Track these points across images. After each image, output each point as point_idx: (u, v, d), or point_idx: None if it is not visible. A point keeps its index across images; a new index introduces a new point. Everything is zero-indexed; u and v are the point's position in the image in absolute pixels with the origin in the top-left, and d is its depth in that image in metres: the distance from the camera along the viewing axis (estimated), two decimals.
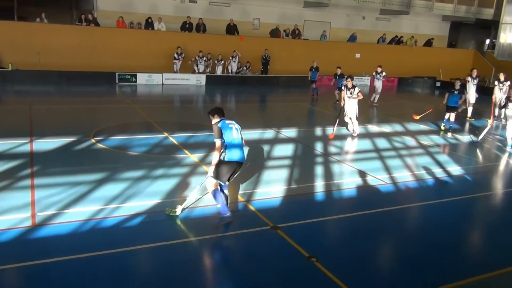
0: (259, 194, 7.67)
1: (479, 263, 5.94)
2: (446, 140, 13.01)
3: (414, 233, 6.88)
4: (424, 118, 15.17)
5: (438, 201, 8.07)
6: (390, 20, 30.45)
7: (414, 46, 29.90)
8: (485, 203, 8.44)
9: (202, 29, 23.75)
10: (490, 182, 9.72)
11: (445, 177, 9.41)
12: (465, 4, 31.08)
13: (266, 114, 17.36)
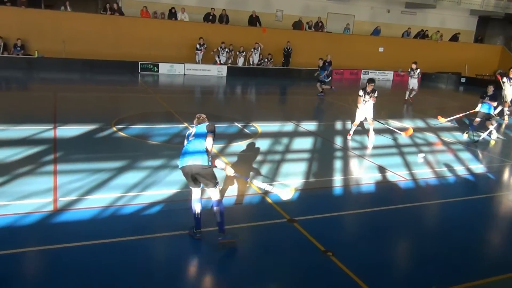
0: (277, 186, 7.65)
1: (495, 264, 5.82)
2: (469, 137, 12.74)
3: (432, 231, 6.78)
4: (447, 115, 14.86)
5: (459, 199, 7.94)
6: (415, 14, 29.85)
7: (439, 41, 29.28)
8: (506, 202, 8.26)
9: (225, 20, 23.72)
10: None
11: (466, 175, 9.23)
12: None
13: (287, 107, 17.30)
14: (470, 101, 18.30)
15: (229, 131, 11.37)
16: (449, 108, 18.43)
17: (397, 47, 27.65)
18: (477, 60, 29.36)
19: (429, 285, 5.06)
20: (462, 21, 31.68)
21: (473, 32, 32.93)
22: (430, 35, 29.45)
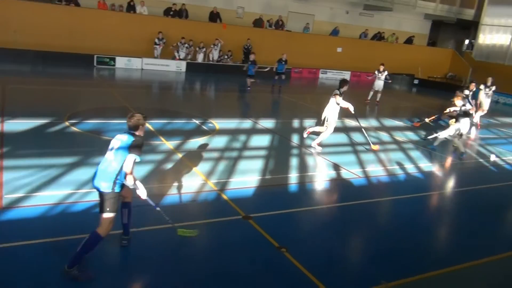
0: (233, 183, 7.68)
1: (441, 258, 6.10)
2: (420, 136, 13.23)
3: (383, 227, 7.01)
4: (401, 115, 15.37)
5: (409, 196, 8.24)
6: (373, 16, 30.63)
7: (395, 43, 30.20)
8: (452, 199, 8.65)
9: (185, 15, 23.46)
10: (459, 179, 9.96)
11: (416, 173, 9.60)
12: (447, 3, 31.45)
13: (245, 104, 17.33)
14: (422, 102, 19.09)
15: (187, 128, 11.28)
16: (403, 109, 19.09)
17: (355, 47, 28.29)
18: (430, 63, 30.52)
19: (378, 279, 5.23)
20: (417, 25, 32.81)
21: (426, 36, 34.17)
22: (386, 37, 30.32)
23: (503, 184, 9.71)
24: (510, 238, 7.15)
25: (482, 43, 30.40)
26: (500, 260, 6.14)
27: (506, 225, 7.84)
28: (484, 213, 7.90)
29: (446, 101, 18.13)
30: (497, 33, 29.41)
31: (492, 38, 29.79)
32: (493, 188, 9.42)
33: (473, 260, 5.96)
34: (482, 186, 9.47)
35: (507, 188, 9.53)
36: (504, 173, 10.57)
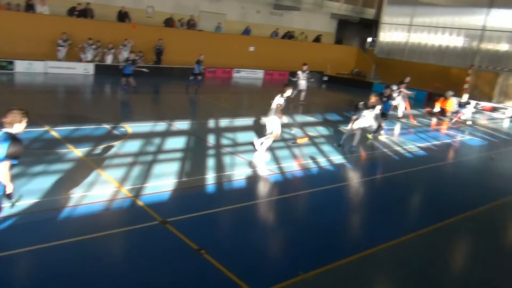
0: (149, 188, 7.52)
1: (355, 244, 6.49)
2: (330, 131, 13.91)
3: (299, 219, 7.29)
4: (313, 110, 16.01)
5: (322, 188, 8.64)
6: (283, 15, 31.52)
7: (304, 41, 31.37)
8: (362, 188, 9.23)
9: (90, 14, 22.37)
10: (367, 169, 10.64)
11: (328, 166, 10.09)
12: (351, 3, 33.30)
13: (159, 106, 16.98)
14: (332, 98, 20.05)
15: (96, 133, 10.79)
16: (314, 105, 19.89)
17: (267, 46, 28.93)
18: (338, 60, 32.13)
19: (297, 271, 5.43)
20: (324, 24, 34.38)
21: (333, 34, 35.93)
22: (296, 35, 31.40)
23: (404, 171, 10.56)
24: (412, 221, 7.80)
25: (382, 41, 32.62)
26: (404, 242, 6.67)
27: (408, 209, 8.52)
28: (390, 199, 8.54)
29: (354, 95, 19.28)
30: (396, 31, 31.75)
31: (392, 36, 32.10)
32: (396, 176, 10.20)
33: (382, 244, 6.41)
34: (387, 174, 10.22)
35: (406, 175, 10.37)
36: (404, 161, 11.48)
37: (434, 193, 9.40)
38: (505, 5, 25.89)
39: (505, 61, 25.70)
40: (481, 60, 26.81)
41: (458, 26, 28.12)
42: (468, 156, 13.48)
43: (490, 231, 7.67)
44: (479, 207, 8.54)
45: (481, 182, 10.72)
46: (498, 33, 26.27)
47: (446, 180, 10.50)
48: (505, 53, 25.94)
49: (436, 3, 29.36)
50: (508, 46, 25.80)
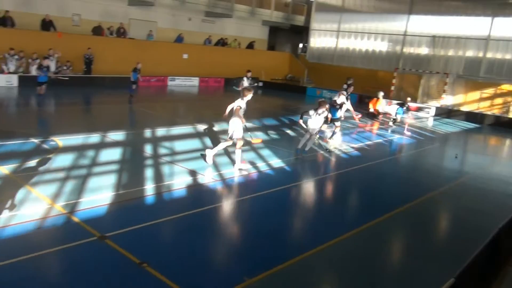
0: (84, 203, 7.19)
1: (297, 246, 6.61)
2: (268, 135, 14.10)
3: (242, 225, 7.30)
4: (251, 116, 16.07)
5: (262, 193, 8.73)
6: (214, 23, 31.60)
7: (237, 48, 31.64)
8: (301, 189, 9.43)
9: (10, 23, 21.08)
10: (306, 172, 10.90)
11: (268, 170, 10.21)
12: (281, 10, 34.12)
13: (91, 117, 16.33)
14: (268, 103, 20.35)
15: (24, 149, 10.16)
16: (251, 110, 20.05)
17: (201, 54, 28.84)
18: (271, 66, 32.72)
19: (242, 276, 5.43)
20: (256, 30, 34.90)
21: (266, 41, 36.56)
22: (229, 42, 31.59)
23: (340, 172, 10.94)
24: (350, 220, 8.09)
25: (313, 46, 33.68)
26: (344, 240, 6.90)
27: (347, 208, 8.83)
28: (329, 199, 8.80)
29: (289, 100, 19.70)
30: (325, 37, 32.93)
31: (321, 42, 33.24)
32: (333, 176, 10.54)
33: (323, 244, 6.58)
34: (325, 175, 10.53)
35: (342, 175, 10.76)
36: (341, 162, 11.89)
37: (369, 191, 9.82)
38: (422, 12, 27.75)
39: (425, 63, 27.53)
40: (405, 63, 28.51)
41: (382, 32, 29.71)
42: (399, 154, 14.24)
43: (421, 223, 8.13)
44: (410, 202, 9.02)
45: (411, 178, 11.36)
46: (418, 38, 28.07)
47: (379, 178, 11.00)
48: (425, 56, 27.77)
49: (361, 10, 30.83)
50: (428, 50, 27.64)
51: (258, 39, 34.31)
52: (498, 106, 24.70)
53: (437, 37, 26.94)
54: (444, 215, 9.10)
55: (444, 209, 9.29)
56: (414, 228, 7.90)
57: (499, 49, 25.07)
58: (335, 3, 31.93)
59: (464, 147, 17.04)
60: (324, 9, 32.65)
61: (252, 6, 31.83)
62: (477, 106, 25.42)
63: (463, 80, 26.02)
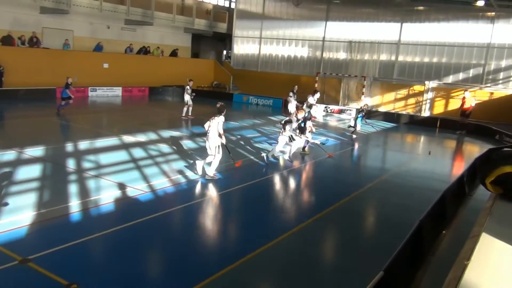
0: (2, 226, 6.63)
1: (230, 254, 6.59)
2: (197, 144, 13.98)
3: (174, 237, 7.15)
4: (179, 125, 15.90)
5: (195, 202, 8.61)
6: (135, 30, 30.79)
7: (161, 56, 31.07)
8: (233, 196, 9.44)
9: None
10: (233, 179, 10.93)
11: (199, 179, 10.09)
12: (203, 18, 34.09)
13: (4, 133, 15.15)
14: (196, 110, 20.15)
15: None
16: (178, 119, 19.79)
17: (122, 63, 27.94)
18: (197, 73, 32.41)
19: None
20: (179, 38, 34.50)
21: (189, 48, 36.27)
22: (152, 50, 30.94)
23: (267, 176, 11.11)
24: (279, 225, 8.22)
25: (237, 53, 34.02)
26: (275, 244, 7.00)
27: (274, 213, 8.97)
28: (261, 204, 8.89)
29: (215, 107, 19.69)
30: (248, 44, 33.41)
31: (245, 48, 33.67)
32: (262, 182, 10.67)
33: (255, 250, 6.61)
34: (255, 181, 10.62)
35: (269, 180, 10.93)
36: (271, 166, 12.07)
37: (298, 193, 10.06)
38: (338, 18, 29.14)
39: (344, 67, 28.91)
40: (325, 67, 29.72)
41: (302, 38, 30.75)
42: (322, 156, 14.74)
43: (350, 221, 8.47)
44: (338, 202, 9.37)
45: (338, 178, 11.82)
46: (336, 43, 29.40)
47: (306, 180, 11.32)
48: (343, 60, 29.13)
49: (281, 17, 31.67)
50: (345, 55, 29.03)
51: (181, 47, 33.98)
52: (412, 105, 26.53)
53: (353, 42, 28.39)
54: (371, 212, 9.55)
55: (370, 206, 9.75)
56: (343, 226, 8.20)
57: (409, 52, 26.97)
58: (256, 11, 32.56)
59: (384, 146, 18.06)
60: (246, 16, 33.16)
61: (173, 14, 31.51)
62: (393, 107, 27.11)
63: (379, 82, 27.65)
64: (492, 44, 24.14)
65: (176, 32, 33.74)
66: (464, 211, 9.03)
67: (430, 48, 26.09)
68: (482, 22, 24.37)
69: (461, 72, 25.29)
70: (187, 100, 19.67)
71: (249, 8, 33.03)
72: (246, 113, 25.56)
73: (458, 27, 25.02)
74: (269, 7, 31.97)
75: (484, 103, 23.50)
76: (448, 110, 25.22)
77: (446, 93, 25.59)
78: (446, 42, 25.43)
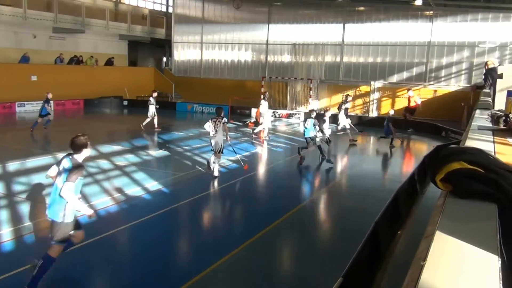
0: None
1: (188, 270, 6.50)
2: (141, 157, 13.71)
3: (125, 257, 6.95)
4: (117, 139, 15.50)
5: (142, 220, 8.41)
6: (65, 39, 29.78)
7: (95, 66, 30.21)
8: (180, 212, 9.33)
9: None
10: (184, 191, 10.81)
11: (144, 195, 9.89)
12: (139, 24, 33.53)
13: None
14: (135, 122, 19.78)
15: None
16: (118, 132, 19.34)
17: (52, 74, 26.87)
18: (135, 83, 31.88)
19: None
20: (114, 46, 33.68)
21: (126, 56, 35.52)
22: (85, 60, 30.02)
23: (220, 187, 11.08)
24: (238, 234, 8.22)
25: (178, 60, 33.77)
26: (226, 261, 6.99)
27: (232, 222, 8.96)
28: (211, 218, 8.84)
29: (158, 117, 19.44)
30: (189, 49, 33.27)
31: (186, 54, 33.50)
32: (215, 193, 10.63)
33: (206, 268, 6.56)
34: (205, 193, 10.55)
35: (222, 190, 10.91)
36: (221, 176, 12.05)
37: (252, 202, 10.10)
38: (280, 21, 29.69)
39: (290, 70, 29.41)
40: (270, 71, 30.11)
41: (245, 42, 31.03)
42: (275, 162, 14.92)
43: (306, 228, 8.62)
44: (293, 209, 9.50)
45: (290, 185, 11.99)
46: (280, 46, 29.94)
47: (261, 188, 11.40)
48: (288, 63, 29.67)
49: (222, 21, 31.78)
50: (290, 57, 29.58)
51: (117, 55, 33.22)
52: (360, 106, 27.45)
53: (297, 44, 29.00)
54: (326, 218, 9.77)
55: (324, 212, 9.97)
56: (298, 235, 8.32)
57: (354, 53, 27.96)
58: (195, 15, 32.52)
59: (335, 148, 18.55)
60: (185, 21, 33.02)
61: (106, 20, 30.77)
62: None
63: (326, 84, 28.40)
64: (432, 42, 25.55)
65: (110, 39, 32.95)
66: (418, 210, 9.44)
67: (373, 48, 27.19)
68: (422, 21, 25.74)
69: (405, 71, 26.55)
70: (152, 112, 19.49)
71: (187, 13, 32.93)
72: (191, 122, 25.41)
73: (399, 26, 26.27)
74: (209, 10, 32.03)
75: (428, 100, 24.73)
76: (395, 109, 26.27)
77: (392, 93, 26.73)
78: (389, 42, 26.62)
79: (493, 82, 9.75)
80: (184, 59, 33.59)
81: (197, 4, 32.36)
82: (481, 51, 24.57)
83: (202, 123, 19.92)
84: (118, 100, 29.96)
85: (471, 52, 24.96)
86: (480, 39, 24.43)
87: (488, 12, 24.17)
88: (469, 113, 13.12)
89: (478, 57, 24.62)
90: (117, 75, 31.16)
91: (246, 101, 25.97)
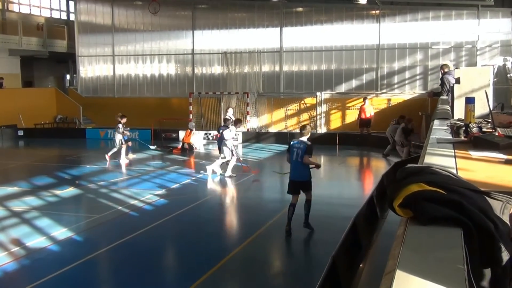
0: None
1: None
2: (44, 199, 13.23)
3: None
4: (13, 178, 14.87)
5: (50, 277, 8.09)
6: None
7: None
8: (99, 264, 9.07)
9: None
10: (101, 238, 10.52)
11: (50, 245, 9.54)
12: (33, 35, 32.53)
13: None
14: (35, 157, 19.11)
15: None
16: (13, 170, 18.52)
17: None
18: (32, 107, 30.55)
19: None
20: (3, 63, 32.24)
21: (19, 75, 34.14)
22: None
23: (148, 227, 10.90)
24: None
25: (85, 77, 32.96)
26: None
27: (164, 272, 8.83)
28: (141, 267, 8.67)
29: (64, 147, 18.88)
30: (98, 64, 32.59)
31: (95, 70, 32.76)
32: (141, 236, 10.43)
33: None
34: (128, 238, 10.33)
35: (152, 231, 10.75)
36: (145, 216, 11.85)
37: (188, 243, 10.01)
38: (207, 26, 29.90)
39: (222, 84, 29.46)
40: (199, 86, 30.04)
41: (167, 52, 30.92)
42: (212, 193, 14.90)
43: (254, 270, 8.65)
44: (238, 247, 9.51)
45: (233, 219, 12.00)
46: (208, 55, 30.09)
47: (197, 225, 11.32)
48: (220, 75, 29.81)
49: (136, 29, 31.45)
50: (221, 68, 29.72)
51: (8, 75, 31.89)
52: (306, 121, 27.95)
53: (228, 53, 29.25)
54: (277, 254, 9.89)
55: (276, 248, 10.10)
56: (248, 274, 8.32)
57: (295, 61, 28.66)
58: (104, 22, 32.02)
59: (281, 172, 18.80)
60: (91, 30, 32.44)
61: None
62: (284, 125, 28.32)
63: (265, 98, 28.75)
64: (382, 45, 26.76)
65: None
66: (379, 238, 9.73)
67: (316, 54, 28.04)
68: (368, 21, 26.98)
69: (354, 79, 27.49)
70: (119, 139, 19.39)
71: (94, 20, 32.37)
72: (106, 151, 24.81)
73: (344, 28, 27.28)
74: (120, 17, 31.69)
75: (382, 111, 25.68)
76: (347, 123, 27.08)
77: (341, 104, 27.52)
78: (333, 46, 27.61)
79: (451, 87, 10.31)
80: (92, 76, 32.89)
81: (105, 9, 31.90)
82: (435, 53, 26.07)
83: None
84: (11, 130, 28.71)
85: (424, 54, 26.42)
86: (433, 40, 25.94)
87: (440, 10, 25.77)
88: (428, 123, 13.82)
89: (432, 60, 26.04)
90: (9, 99, 29.82)
91: (173, 122, 25.76)
